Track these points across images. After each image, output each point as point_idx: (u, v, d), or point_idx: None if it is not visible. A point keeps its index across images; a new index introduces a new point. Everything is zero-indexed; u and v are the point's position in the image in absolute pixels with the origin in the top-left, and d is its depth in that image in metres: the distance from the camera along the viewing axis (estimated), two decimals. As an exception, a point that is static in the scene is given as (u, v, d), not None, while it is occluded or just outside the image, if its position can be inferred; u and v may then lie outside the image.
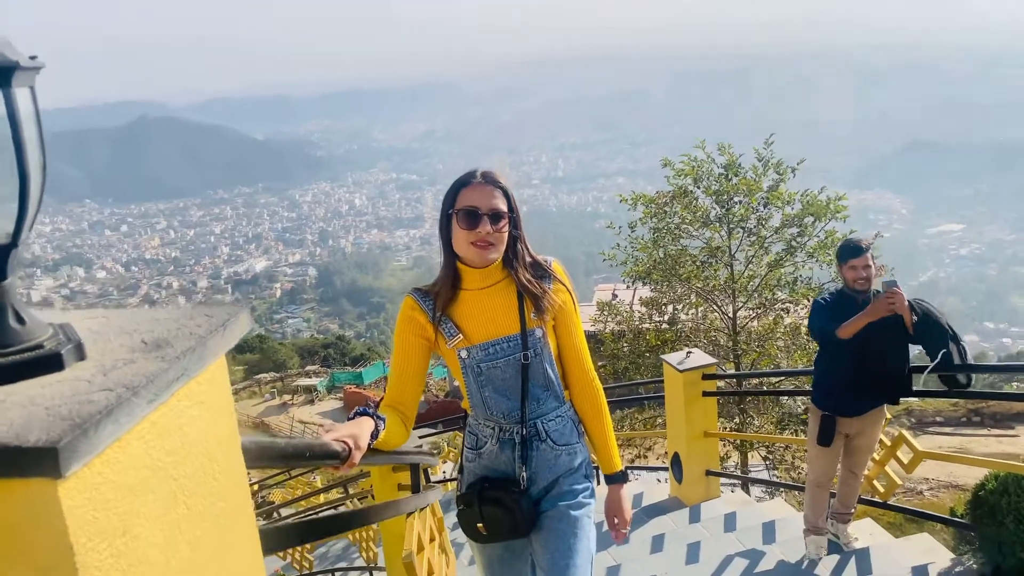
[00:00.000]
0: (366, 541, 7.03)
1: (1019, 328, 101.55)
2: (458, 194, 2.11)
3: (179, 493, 0.79)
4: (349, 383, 40.09)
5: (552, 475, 2.21)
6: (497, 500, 2.14)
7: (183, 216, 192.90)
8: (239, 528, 0.92)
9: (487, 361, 2.14)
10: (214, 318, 0.88)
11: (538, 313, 2.14)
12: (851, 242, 3.98)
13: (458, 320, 2.15)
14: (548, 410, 2.20)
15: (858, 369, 3.88)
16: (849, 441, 4.17)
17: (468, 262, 2.12)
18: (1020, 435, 19.35)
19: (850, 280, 3.88)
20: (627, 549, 5.32)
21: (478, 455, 2.25)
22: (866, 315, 3.66)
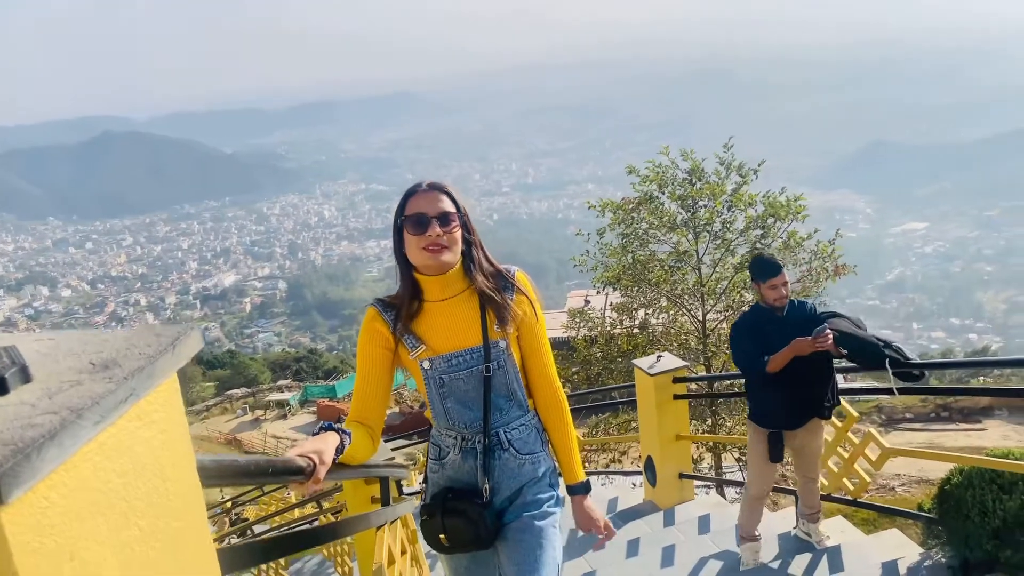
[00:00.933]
0: (341, 556, 6.98)
1: (984, 323, 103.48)
2: (406, 204, 2.11)
3: (131, 514, 0.78)
4: (322, 397, 39.79)
5: (516, 484, 2.20)
6: (460, 511, 2.13)
7: (149, 232, 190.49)
8: (195, 548, 0.92)
9: (449, 372, 2.13)
10: (163, 337, 0.87)
11: (501, 324, 2.13)
12: (767, 261, 3.95)
13: (420, 331, 2.14)
14: (511, 419, 2.19)
15: (790, 388, 3.92)
16: (797, 450, 4.22)
17: (425, 270, 2.11)
18: (988, 429, 19.70)
19: (771, 299, 3.88)
20: (602, 554, 5.33)
21: (441, 465, 2.24)
22: (791, 351, 3.72)
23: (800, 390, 3.92)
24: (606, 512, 6.18)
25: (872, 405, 22.07)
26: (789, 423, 4.06)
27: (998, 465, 3.56)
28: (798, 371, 3.80)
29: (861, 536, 4.62)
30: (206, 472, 1.16)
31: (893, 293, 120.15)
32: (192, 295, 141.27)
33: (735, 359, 4.05)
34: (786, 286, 3.86)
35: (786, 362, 3.74)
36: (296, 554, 9.12)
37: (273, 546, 1.69)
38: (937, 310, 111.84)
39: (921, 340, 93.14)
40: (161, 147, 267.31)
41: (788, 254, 12.53)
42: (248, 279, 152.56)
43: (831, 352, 3.77)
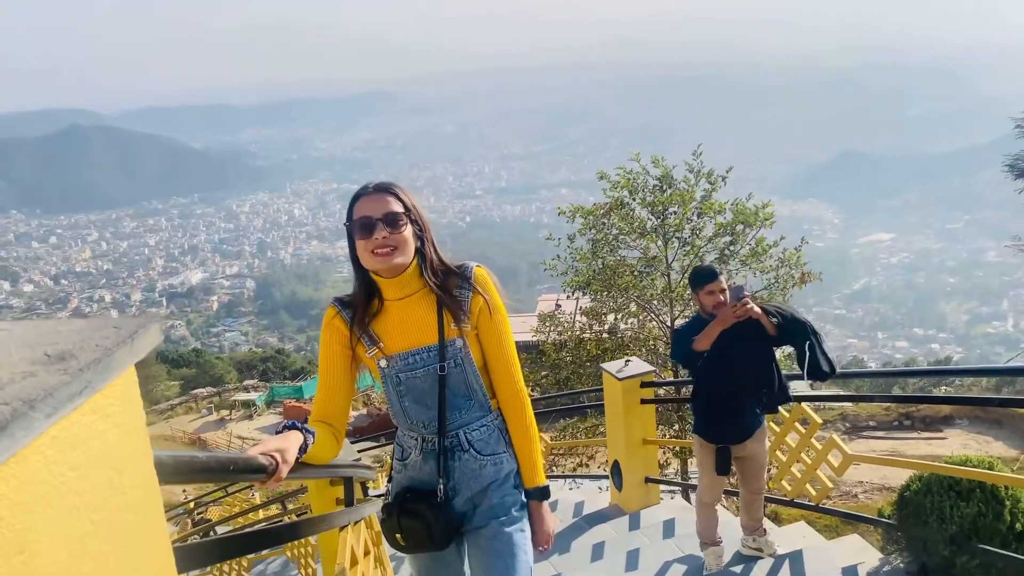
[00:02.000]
0: (305, 558, 6.92)
1: (946, 334, 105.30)
2: (353, 208, 2.10)
3: (83, 508, 0.76)
4: (289, 397, 39.39)
5: (478, 485, 2.19)
6: (415, 511, 2.12)
7: (116, 227, 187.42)
8: (150, 543, 0.90)
9: (406, 371, 2.13)
10: (122, 330, 0.86)
11: (456, 322, 2.12)
12: (703, 269, 4.05)
13: (378, 330, 2.14)
14: (471, 419, 2.18)
15: (728, 386, 3.96)
16: (742, 463, 4.25)
17: (377, 272, 2.10)
18: (948, 438, 20.04)
19: (710, 305, 3.90)
20: (568, 558, 5.34)
21: (404, 466, 2.24)
22: (717, 324, 3.73)
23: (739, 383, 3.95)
24: (572, 516, 6.20)
25: (837, 413, 22.37)
26: (736, 435, 4.10)
27: (956, 472, 3.63)
28: (735, 356, 3.84)
29: (823, 541, 4.67)
30: (164, 468, 1.14)
31: (859, 303, 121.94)
32: (158, 292, 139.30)
33: (672, 355, 4.11)
34: (724, 292, 3.89)
35: (713, 337, 3.75)
36: (259, 556, 9.03)
37: (231, 544, 1.67)
38: (901, 320, 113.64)
39: (886, 349, 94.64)
40: (130, 141, 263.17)
41: (755, 261, 12.68)
42: (216, 277, 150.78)
43: (768, 333, 3.79)
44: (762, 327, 3.79)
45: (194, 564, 1.36)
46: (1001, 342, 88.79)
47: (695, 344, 3.81)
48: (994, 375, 24.93)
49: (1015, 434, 19.23)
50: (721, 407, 4.05)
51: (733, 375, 3.94)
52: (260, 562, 9.17)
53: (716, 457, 4.11)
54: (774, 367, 3.99)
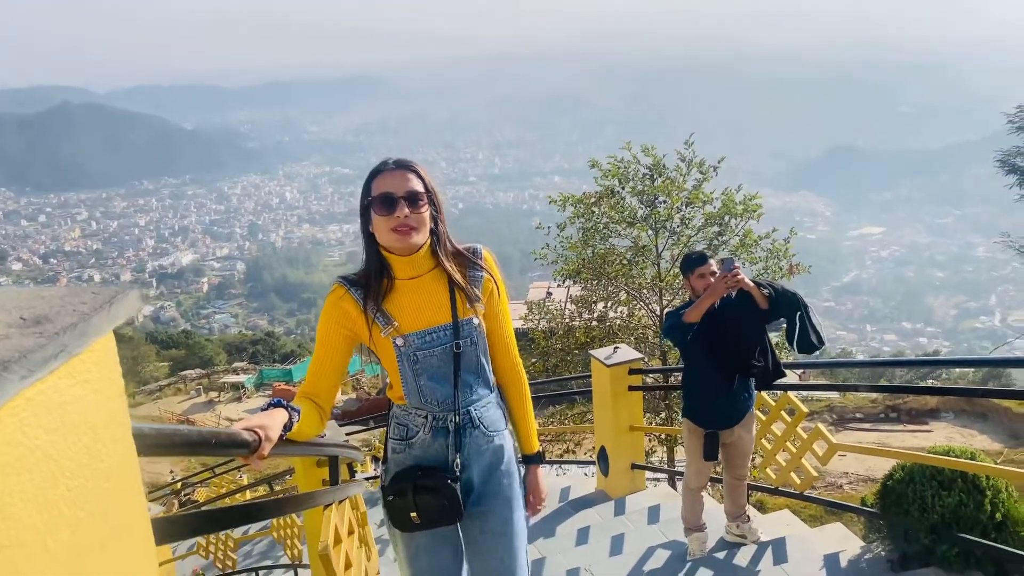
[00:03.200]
0: (291, 539, 6.92)
1: (934, 328, 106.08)
2: (373, 183, 2.09)
3: (58, 474, 0.76)
4: (278, 380, 39.44)
5: (484, 461, 2.22)
6: (433, 488, 2.12)
7: (106, 207, 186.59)
8: (127, 512, 0.90)
9: (423, 349, 2.13)
10: (100, 296, 0.85)
11: (471, 302, 2.15)
12: (694, 253, 4.05)
13: (392, 309, 2.13)
14: (480, 397, 2.21)
15: (717, 359, 3.97)
16: (728, 449, 4.27)
17: (393, 250, 2.10)
18: (933, 431, 20.21)
19: (700, 288, 3.90)
20: (553, 541, 5.36)
21: (408, 445, 2.22)
22: (708, 295, 3.74)
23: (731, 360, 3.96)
24: (558, 501, 6.22)
25: (824, 404, 22.53)
26: (726, 420, 4.12)
27: (939, 462, 3.65)
28: (726, 331, 3.87)
29: (806, 529, 4.70)
30: (145, 440, 1.14)
31: (848, 295, 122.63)
32: (148, 273, 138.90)
33: (664, 332, 4.13)
34: (714, 275, 3.88)
35: (703, 309, 3.76)
36: (245, 536, 9.04)
37: (211, 518, 1.66)
38: (890, 313, 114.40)
39: (874, 342, 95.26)
40: (121, 120, 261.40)
41: (744, 252, 12.72)
42: (206, 259, 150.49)
43: (758, 304, 3.80)
44: (753, 300, 3.79)
45: (173, 536, 1.35)
46: (988, 337, 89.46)
47: (686, 316, 3.82)
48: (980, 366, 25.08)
49: (999, 428, 19.41)
50: (712, 388, 4.06)
51: (725, 350, 3.94)
52: (247, 543, 9.18)
53: (704, 442, 4.12)
54: (766, 340, 4.00)
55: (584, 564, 4.65)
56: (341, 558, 2.43)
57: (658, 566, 4.50)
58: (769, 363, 4.01)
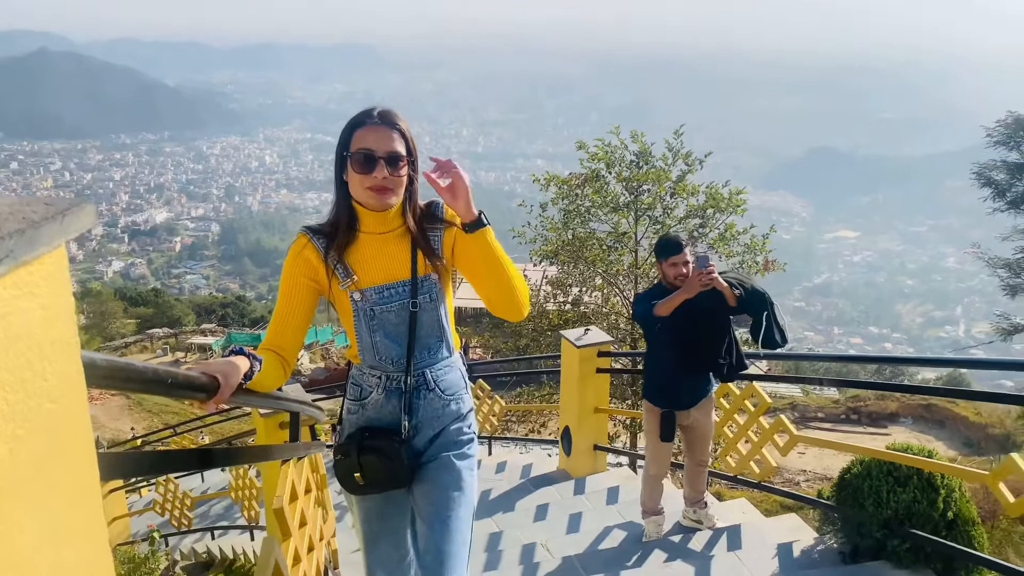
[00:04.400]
0: (248, 500, 6.89)
1: (900, 334, 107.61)
2: (353, 135, 2.01)
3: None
4: (246, 344, 38.92)
5: (440, 425, 2.19)
6: (377, 449, 2.09)
7: (81, 159, 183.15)
8: (70, 436, 0.87)
9: (381, 304, 2.09)
10: (53, 207, 0.82)
11: (431, 257, 2.10)
12: (670, 239, 4.01)
13: (352, 262, 2.09)
14: (438, 359, 2.17)
15: (682, 351, 3.99)
16: (687, 432, 4.32)
17: (365, 206, 2.05)
18: (892, 434, 20.53)
19: (671, 277, 3.92)
20: (512, 516, 5.39)
21: (362, 406, 2.19)
22: (682, 292, 3.74)
23: (696, 351, 3.99)
24: (519, 477, 6.25)
25: (787, 403, 22.80)
26: (684, 400, 4.16)
27: (896, 458, 3.70)
28: (695, 324, 3.88)
29: (761, 518, 4.77)
30: (96, 370, 1.10)
31: (819, 296, 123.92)
32: (120, 228, 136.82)
33: (633, 316, 4.14)
34: (687, 265, 3.90)
35: (675, 304, 3.76)
36: (203, 495, 8.99)
37: (161, 460, 1.63)
38: (858, 317, 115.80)
39: (840, 344, 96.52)
40: (100, 72, 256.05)
41: (723, 245, 12.79)
42: (180, 218, 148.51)
43: (727, 303, 3.81)
44: (722, 297, 3.81)
45: (120, 472, 1.32)
46: (951, 346, 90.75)
47: (657, 309, 3.82)
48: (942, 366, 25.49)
49: (955, 435, 19.76)
50: (672, 371, 4.10)
51: (692, 344, 3.98)
52: (203, 503, 9.13)
53: (661, 422, 4.16)
54: (732, 335, 4.04)
55: (541, 540, 4.68)
56: (296, 515, 2.41)
57: (614, 545, 4.54)
58: (733, 358, 4.07)
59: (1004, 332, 13.12)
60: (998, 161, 13.03)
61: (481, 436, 7.85)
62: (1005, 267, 12.99)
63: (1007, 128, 12.91)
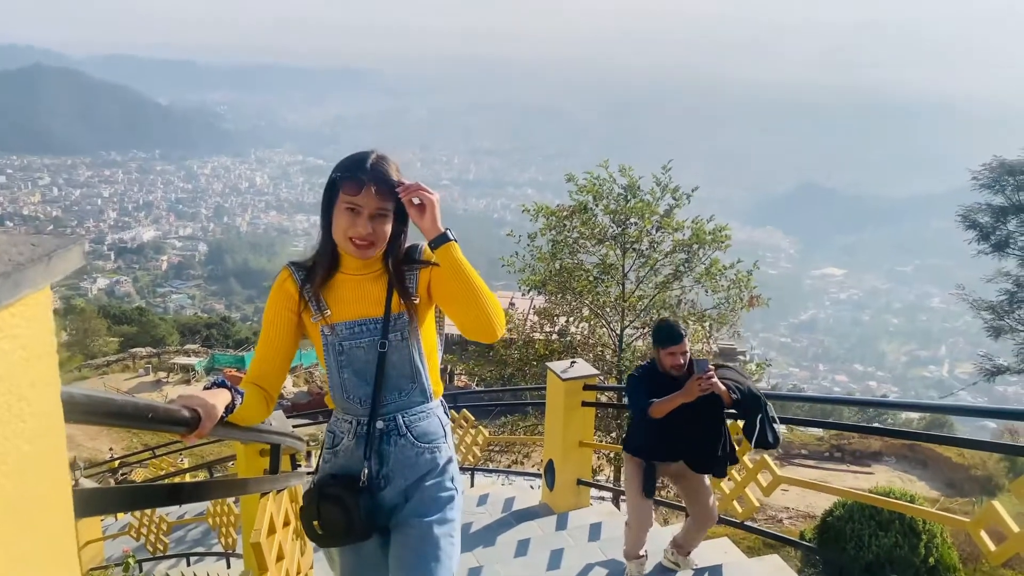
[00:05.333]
0: (226, 527, 6.80)
1: (884, 372, 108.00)
2: (343, 184, 1.98)
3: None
4: (230, 367, 38.82)
5: (413, 475, 2.10)
6: (336, 497, 2.03)
7: (70, 174, 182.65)
8: (47, 478, 0.85)
9: (349, 340, 2.07)
10: (39, 248, 0.81)
11: (405, 296, 2.08)
12: (672, 329, 3.94)
13: (328, 297, 2.09)
14: (411, 404, 2.12)
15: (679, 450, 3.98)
16: (678, 482, 4.22)
17: (346, 252, 2.06)
18: (875, 473, 20.54)
19: (667, 365, 3.90)
20: (492, 551, 5.33)
21: (334, 454, 2.15)
22: (680, 396, 3.71)
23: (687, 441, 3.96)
24: (501, 511, 6.19)
25: (771, 438, 22.77)
26: (668, 453, 4.07)
27: (879, 503, 3.70)
28: (687, 422, 3.85)
29: (743, 558, 4.72)
30: (76, 406, 1.09)
31: (804, 333, 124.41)
32: (107, 245, 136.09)
33: (628, 404, 4.08)
34: (684, 355, 3.90)
35: (671, 408, 3.73)
36: (180, 520, 8.86)
37: (138, 494, 1.61)
38: (844, 354, 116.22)
39: (825, 381, 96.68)
40: (94, 88, 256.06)
41: (709, 280, 12.85)
42: (168, 236, 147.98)
43: (723, 400, 3.80)
44: (717, 398, 3.80)
45: (97, 509, 1.30)
46: (935, 386, 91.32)
47: (652, 411, 3.78)
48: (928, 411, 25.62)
49: (938, 476, 19.79)
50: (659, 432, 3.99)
51: (684, 444, 3.95)
52: (180, 527, 8.99)
53: (643, 475, 4.08)
54: (725, 432, 4.00)
55: (521, 576, 4.63)
56: (274, 548, 2.38)
57: (595, 583, 4.49)
58: (727, 454, 4.02)
59: (988, 373, 13.22)
60: (983, 204, 13.21)
61: (464, 467, 7.79)
62: (989, 309, 13.12)
63: (992, 172, 13.11)
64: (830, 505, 4.11)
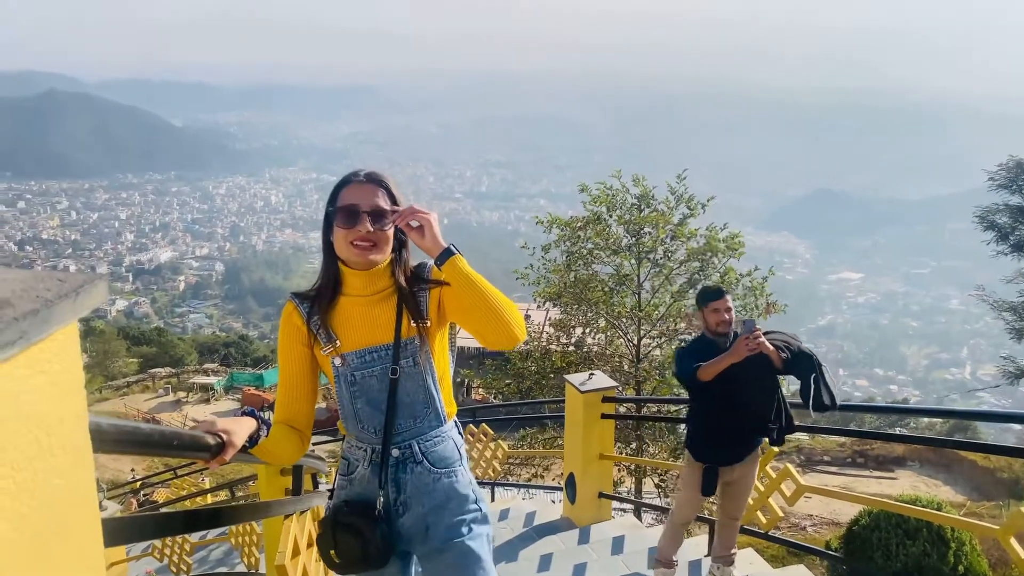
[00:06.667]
0: (248, 546, 6.81)
1: (905, 376, 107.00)
2: (340, 193, 2.00)
3: (4, 465, 0.72)
4: (249, 384, 39.07)
5: (431, 502, 2.05)
6: (351, 525, 1.99)
7: (87, 198, 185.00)
8: (76, 511, 0.86)
9: (361, 369, 2.02)
10: (66, 284, 0.82)
11: (416, 318, 2.04)
12: (710, 286, 3.99)
13: (335, 326, 2.03)
14: (426, 429, 2.07)
15: (730, 414, 3.88)
16: (727, 487, 4.17)
17: (350, 264, 2.01)
18: (899, 478, 20.32)
19: (712, 323, 3.86)
20: (514, 566, 5.31)
21: (349, 481, 2.11)
22: (728, 356, 3.65)
23: (741, 412, 3.87)
24: (523, 525, 6.16)
25: (792, 446, 22.58)
26: (729, 456, 4.02)
27: (905, 511, 3.65)
28: (739, 386, 3.76)
29: (768, 569, 4.68)
30: (103, 436, 1.10)
31: (823, 338, 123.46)
32: (125, 267, 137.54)
33: (676, 374, 4.03)
34: (729, 312, 3.85)
35: (720, 369, 3.66)
36: (203, 541, 8.88)
37: (165, 522, 1.62)
38: (863, 359, 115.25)
39: (845, 386, 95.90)
40: (109, 112, 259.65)
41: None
42: (185, 257, 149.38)
43: (773, 362, 3.72)
44: (768, 360, 3.72)
45: (124, 538, 1.31)
46: (957, 388, 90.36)
47: (700, 373, 3.72)
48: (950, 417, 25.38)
49: (963, 480, 19.55)
50: (718, 430, 3.97)
51: (739, 409, 3.86)
52: (203, 548, 9.02)
53: (703, 477, 4.02)
54: (780, 397, 3.91)
55: (544, 591, 4.60)
56: (298, 570, 2.38)
57: (619, 598, 4.46)
58: (783, 420, 3.92)
59: (1011, 375, 13.04)
60: (1000, 205, 13.07)
61: (483, 481, 7.77)
62: (1010, 310, 12.95)
63: (1009, 172, 12.97)
64: (855, 513, 4.05)
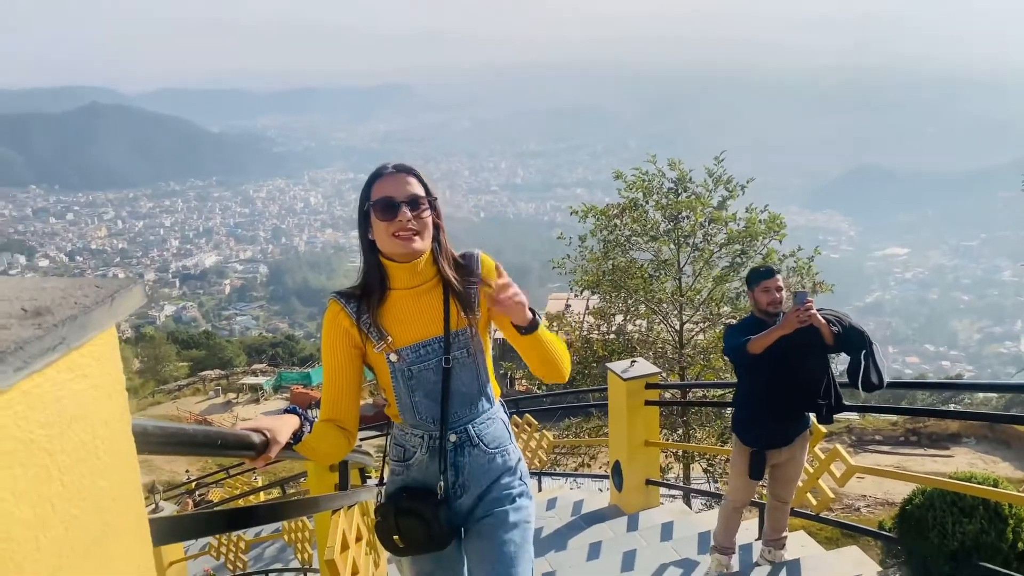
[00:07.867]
0: (302, 542, 6.92)
1: (957, 352, 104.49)
2: (372, 187, 2.02)
3: (53, 469, 0.74)
4: (296, 383, 39.58)
5: (487, 480, 2.12)
6: (414, 511, 2.04)
7: (132, 207, 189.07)
8: (124, 510, 0.88)
9: (417, 363, 2.04)
10: (103, 289, 0.84)
11: (466, 310, 2.05)
12: (761, 266, 3.95)
13: (385, 323, 2.04)
14: (479, 413, 2.12)
15: (779, 391, 3.82)
16: (776, 470, 4.12)
17: (394, 257, 2.02)
18: (955, 455, 19.86)
19: (764, 303, 3.81)
20: (564, 555, 5.32)
21: (406, 467, 2.15)
22: (779, 328, 3.59)
23: (789, 389, 3.81)
24: (571, 514, 6.17)
25: (843, 426, 22.22)
26: (777, 440, 3.97)
27: (960, 488, 3.58)
28: (788, 361, 3.71)
29: (821, 551, 4.62)
30: (149, 438, 1.12)
31: (871, 315, 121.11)
32: (171, 273, 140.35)
33: (725, 351, 3.97)
34: (780, 291, 3.80)
35: (770, 341, 3.61)
36: (257, 538, 9.06)
37: (211, 520, 1.65)
38: (913, 335, 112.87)
39: (896, 364, 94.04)
40: (149, 122, 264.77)
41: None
42: (229, 261, 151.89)
43: (824, 337, 3.66)
44: (819, 335, 3.66)
45: (174, 536, 1.34)
46: (1012, 362, 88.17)
47: (750, 346, 3.67)
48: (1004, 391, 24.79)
49: (1022, 456, 19.06)
50: (765, 411, 3.92)
51: (789, 384, 3.80)
52: (258, 544, 9.19)
53: (750, 460, 3.99)
54: (830, 375, 3.85)
55: (594, 579, 4.61)
56: (348, 564, 2.41)
57: (669, 584, 4.44)
58: (832, 399, 3.85)
59: (1068, 347, 12.66)
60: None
61: (530, 472, 7.80)
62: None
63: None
64: (908, 492, 3.97)
